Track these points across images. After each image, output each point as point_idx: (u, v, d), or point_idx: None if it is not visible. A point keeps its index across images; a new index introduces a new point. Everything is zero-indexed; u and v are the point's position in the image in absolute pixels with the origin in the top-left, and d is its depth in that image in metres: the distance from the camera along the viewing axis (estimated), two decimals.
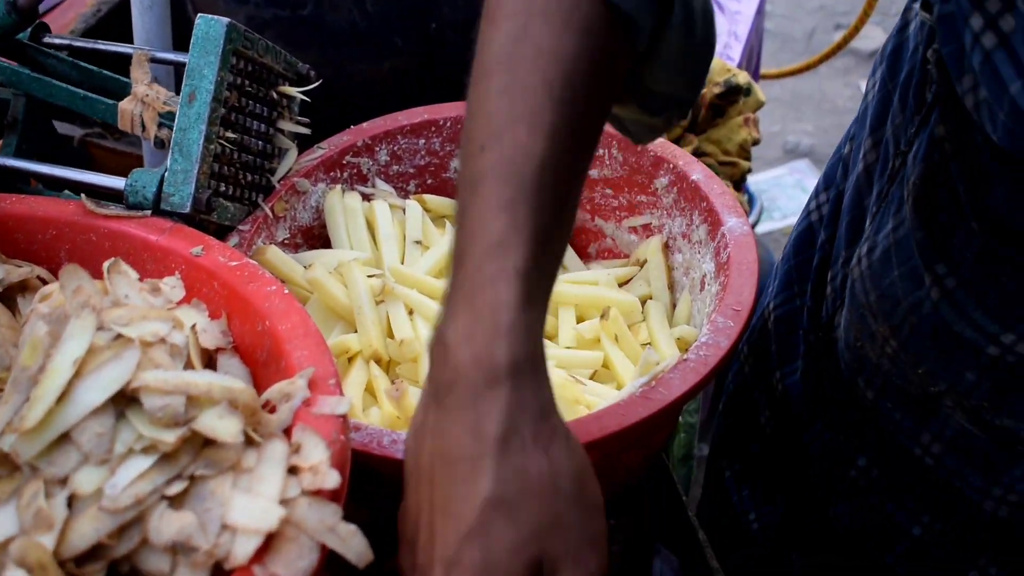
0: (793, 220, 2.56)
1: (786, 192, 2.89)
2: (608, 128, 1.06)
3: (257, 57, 0.90)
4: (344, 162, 1.05)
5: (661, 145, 1.01)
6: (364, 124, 1.07)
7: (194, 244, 0.82)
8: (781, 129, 3.28)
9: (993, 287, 0.73)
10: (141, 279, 0.75)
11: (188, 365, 0.66)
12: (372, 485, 0.73)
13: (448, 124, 1.08)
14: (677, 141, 1.37)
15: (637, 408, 0.76)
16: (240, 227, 0.94)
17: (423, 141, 1.08)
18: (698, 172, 0.98)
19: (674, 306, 1.00)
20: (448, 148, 1.09)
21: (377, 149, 1.07)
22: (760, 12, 1.86)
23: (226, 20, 0.85)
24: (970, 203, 0.71)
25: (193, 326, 0.68)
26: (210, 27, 0.85)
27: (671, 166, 0.99)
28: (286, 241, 1.00)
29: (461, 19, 1.22)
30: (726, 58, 1.68)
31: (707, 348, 0.81)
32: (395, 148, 1.08)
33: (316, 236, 1.04)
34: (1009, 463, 0.81)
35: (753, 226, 1.54)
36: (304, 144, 1.04)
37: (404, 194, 1.10)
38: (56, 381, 0.61)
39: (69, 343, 0.62)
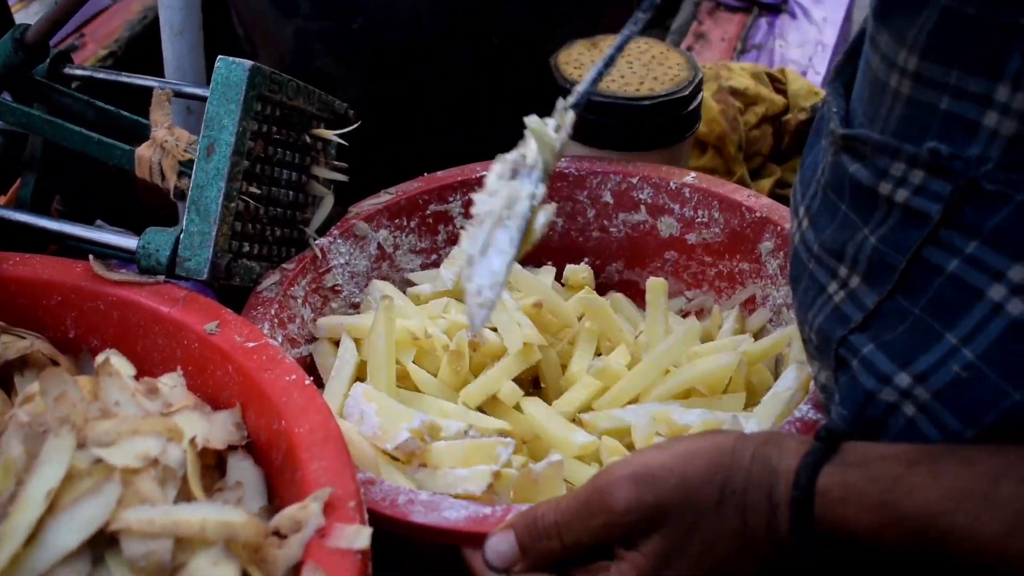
0: None
1: None
2: (709, 186, 0.94)
3: (287, 101, 0.80)
4: (412, 207, 0.95)
5: (768, 206, 0.89)
6: (438, 172, 0.97)
7: (209, 318, 0.73)
8: None
9: None
10: (138, 375, 0.65)
11: (184, 489, 0.57)
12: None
13: None
14: (758, 171, 1.24)
15: None
16: (285, 265, 0.85)
17: None
18: None
19: None
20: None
21: (451, 199, 0.96)
22: (848, 19, 1.71)
23: (249, 63, 0.75)
24: None
25: (192, 439, 0.59)
26: (231, 71, 0.75)
27: (778, 229, 0.87)
28: (337, 287, 0.90)
29: (526, 29, 1.11)
30: (812, 71, 1.54)
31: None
32: (469, 200, 0.97)
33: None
34: None
35: None
36: (369, 182, 0.94)
37: None
38: (26, 517, 0.52)
39: (44, 468, 0.53)
